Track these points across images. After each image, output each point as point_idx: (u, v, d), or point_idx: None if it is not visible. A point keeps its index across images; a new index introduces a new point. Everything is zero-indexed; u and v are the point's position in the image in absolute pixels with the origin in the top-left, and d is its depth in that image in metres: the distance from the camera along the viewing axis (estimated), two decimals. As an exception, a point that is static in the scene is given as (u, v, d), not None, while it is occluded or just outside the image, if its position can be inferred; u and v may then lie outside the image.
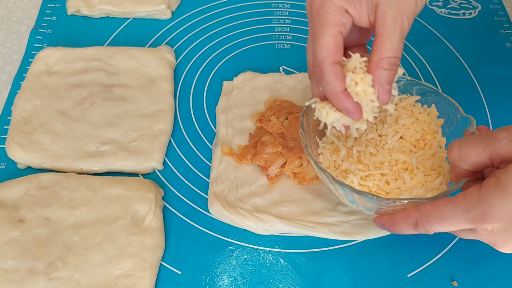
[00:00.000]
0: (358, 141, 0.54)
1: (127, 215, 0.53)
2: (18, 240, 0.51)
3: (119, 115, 0.62)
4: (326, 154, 0.54)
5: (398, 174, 0.51)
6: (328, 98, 0.47)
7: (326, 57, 0.44)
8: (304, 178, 0.57)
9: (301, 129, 0.53)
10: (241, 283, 0.51)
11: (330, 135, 0.55)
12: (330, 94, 0.46)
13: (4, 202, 0.53)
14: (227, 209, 0.55)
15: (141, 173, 0.59)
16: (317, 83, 0.48)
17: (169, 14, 0.75)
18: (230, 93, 0.65)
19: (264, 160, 0.57)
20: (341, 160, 0.53)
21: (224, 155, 0.59)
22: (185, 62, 0.70)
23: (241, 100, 0.64)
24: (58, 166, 0.58)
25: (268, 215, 0.54)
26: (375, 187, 0.50)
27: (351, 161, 0.52)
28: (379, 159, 0.52)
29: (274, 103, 0.63)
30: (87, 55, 0.67)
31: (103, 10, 0.74)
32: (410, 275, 0.52)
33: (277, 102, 0.63)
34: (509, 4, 0.78)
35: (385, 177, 0.50)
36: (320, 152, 0.54)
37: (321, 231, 0.54)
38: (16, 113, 0.61)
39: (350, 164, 0.52)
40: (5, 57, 0.72)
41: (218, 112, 0.64)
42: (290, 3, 0.77)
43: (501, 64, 0.70)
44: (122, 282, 0.49)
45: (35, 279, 0.49)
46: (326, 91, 0.46)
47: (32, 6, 0.78)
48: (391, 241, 0.54)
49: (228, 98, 0.65)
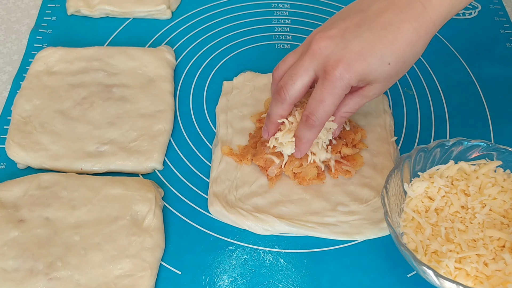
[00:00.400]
0: (441, 217, 0.51)
1: (127, 215, 0.53)
2: (18, 240, 0.51)
3: (119, 115, 0.62)
4: (410, 233, 0.50)
5: (496, 254, 0.48)
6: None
7: (324, 119, 0.51)
8: (304, 178, 0.57)
9: (384, 190, 0.50)
10: (241, 283, 0.51)
11: (408, 211, 0.52)
12: (303, 139, 0.53)
13: (4, 202, 0.53)
14: (227, 209, 0.55)
15: (141, 173, 0.59)
16: (287, 110, 0.54)
17: (169, 14, 0.75)
18: (230, 93, 0.65)
19: (264, 160, 0.57)
20: (428, 239, 0.50)
21: (224, 155, 0.59)
22: (185, 62, 0.70)
23: (241, 100, 0.64)
24: (58, 166, 0.58)
25: (268, 215, 0.54)
26: (473, 271, 0.47)
27: (439, 240, 0.49)
28: (470, 237, 0.49)
29: None
30: (87, 55, 0.67)
31: (103, 10, 0.74)
32: (410, 275, 0.52)
33: None
34: (509, 4, 0.78)
35: (482, 258, 0.47)
36: (403, 232, 0.51)
37: (321, 231, 0.54)
38: (16, 113, 0.61)
39: (439, 244, 0.49)
40: (5, 57, 0.72)
41: (218, 112, 0.64)
42: (290, 3, 0.77)
43: (501, 64, 0.70)
44: (122, 282, 0.49)
45: (35, 279, 0.49)
46: (302, 135, 0.53)
47: (32, 6, 0.78)
48: (391, 241, 0.54)
49: (228, 98, 0.65)
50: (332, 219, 0.55)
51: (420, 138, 0.62)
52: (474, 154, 0.54)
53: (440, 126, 0.63)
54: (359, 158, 0.58)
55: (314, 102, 0.50)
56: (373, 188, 0.57)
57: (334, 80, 0.48)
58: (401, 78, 0.56)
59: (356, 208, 0.55)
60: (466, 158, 0.54)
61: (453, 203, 0.52)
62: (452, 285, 0.44)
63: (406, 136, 0.63)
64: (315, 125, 0.51)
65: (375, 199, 0.56)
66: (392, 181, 0.51)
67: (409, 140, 0.62)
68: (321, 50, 0.49)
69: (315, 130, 0.52)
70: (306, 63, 0.50)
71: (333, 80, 0.48)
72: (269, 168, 0.57)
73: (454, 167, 0.54)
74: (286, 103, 0.52)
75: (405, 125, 0.64)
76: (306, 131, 0.52)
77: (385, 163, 0.59)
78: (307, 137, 0.53)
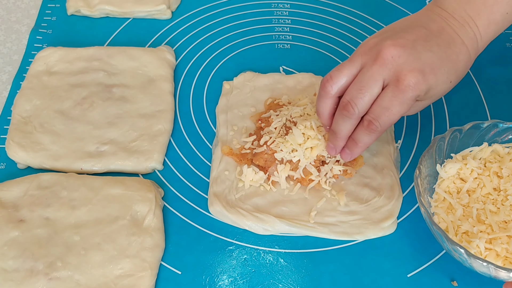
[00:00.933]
0: (472, 198, 0.52)
1: (127, 215, 0.53)
2: (18, 240, 0.51)
3: (119, 115, 0.62)
4: (441, 214, 0.51)
5: None
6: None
7: (386, 126, 0.50)
8: (304, 178, 0.56)
9: (418, 171, 0.51)
10: (241, 283, 0.51)
11: (440, 191, 0.53)
12: (361, 143, 0.52)
13: (4, 202, 0.53)
14: (227, 209, 0.55)
15: (141, 173, 0.59)
16: (354, 125, 0.51)
17: (169, 14, 0.75)
18: (230, 93, 0.65)
19: (264, 160, 0.57)
20: (458, 220, 0.51)
21: (224, 155, 0.59)
22: (185, 62, 0.70)
23: (241, 100, 0.64)
24: (58, 166, 0.58)
25: (268, 215, 0.54)
26: (503, 252, 0.48)
27: (470, 221, 0.50)
28: (502, 218, 0.50)
29: (274, 103, 0.63)
30: (87, 55, 0.67)
31: (103, 10, 0.74)
32: (410, 275, 0.52)
33: (276, 101, 0.63)
34: (509, 4, 0.78)
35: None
36: (434, 212, 0.52)
37: (321, 231, 0.54)
38: (16, 113, 0.61)
39: (470, 225, 0.50)
40: (5, 57, 0.72)
41: (218, 112, 0.64)
42: (290, 3, 0.77)
43: (501, 64, 0.70)
44: (122, 282, 0.49)
45: (35, 279, 0.49)
46: (361, 139, 0.52)
47: (32, 6, 0.78)
48: (391, 241, 0.54)
49: (228, 98, 0.65)
50: (332, 219, 0.55)
51: (420, 138, 0.62)
52: (508, 137, 0.55)
53: (440, 126, 0.63)
54: (359, 158, 0.58)
55: (379, 109, 0.49)
56: (373, 188, 0.57)
57: (406, 90, 0.47)
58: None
59: (356, 208, 0.55)
60: (500, 141, 0.55)
61: (485, 185, 0.52)
62: (482, 263, 0.45)
63: (406, 136, 0.63)
64: (377, 131, 0.50)
65: (375, 199, 0.56)
66: (425, 162, 0.52)
67: (409, 140, 0.62)
68: (394, 58, 0.48)
69: (375, 135, 0.51)
70: (376, 73, 0.48)
71: (405, 89, 0.47)
72: (269, 168, 0.57)
73: (488, 149, 0.54)
74: (355, 118, 0.50)
75: (405, 125, 0.64)
76: (365, 135, 0.51)
77: (385, 163, 0.59)
78: (364, 141, 0.51)
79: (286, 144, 0.55)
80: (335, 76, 0.50)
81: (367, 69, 0.49)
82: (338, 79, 0.50)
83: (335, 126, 0.52)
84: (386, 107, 0.48)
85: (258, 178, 0.56)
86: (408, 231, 0.55)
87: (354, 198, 0.56)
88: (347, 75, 0.50)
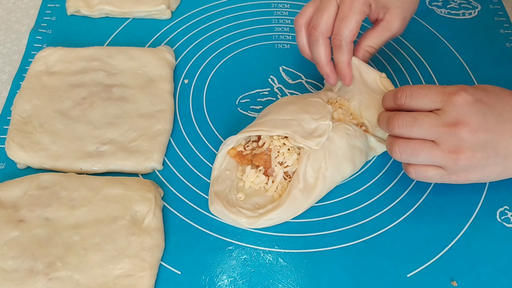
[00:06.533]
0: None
1: (126, 215, 0.53)
2: (18, 240, 0.51)
3: (119, 115, 0.62)
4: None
5: None
6: (333, 63, 0.59)
7: (348, 37, 0.56)
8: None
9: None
10: (241, 283, 0.51)
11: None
12: (339, 63, 0.58)
13: (4, 202, 0.53)
14: (228, 208, 0.55)
15: (140, 173, 0.59)
16: (325, 46, 0.57)
17: (169, 14, 0.75)
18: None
19: (263, 161, 0.57)
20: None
21: (231, 157, 0.59)
22: (185, 62, 0.70)
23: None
24: (58, 166, 0.58)
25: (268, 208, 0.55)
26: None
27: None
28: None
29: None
30: (87, 55, 0.67)
31: (103, 10, 0.74)
32: (410, 275, 0.52)
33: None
34: (509, 4, 0.78)
35: None
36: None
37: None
38: (16, 113, 0.61)
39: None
40: (5, 57, 0.72)
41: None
42: (290, 3, 0.77)
43: (501, 64, 0.70)
44: (122, 282, 0.49)
45: (35, 279, 0.49)
46: (336, 59, 0.58)
47: (32, 6, 0.78)
48: (391, 241, 0.54)
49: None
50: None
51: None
52: None
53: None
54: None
55: (337, 23, 0.55)
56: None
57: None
58: (401, 79, 0.56)
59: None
60: None
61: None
62: None
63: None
64: (341, 44, 0.56)
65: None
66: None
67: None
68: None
69: (343, 50, 0.56)
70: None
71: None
72: (268, 168, 0.57)
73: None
74: (322, 39, 0.57)
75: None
76: (337, 53, 0.57)
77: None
78: (339, 59, 0.57)
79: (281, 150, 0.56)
80: (302, 11, 0.59)
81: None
82: (304, 11, 0.59)
83: (313, 56, 0.59)
84: (341, 17, 0.55)
85: (259, 182, 0.56)
86: (408, 231, 0.55)
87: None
88: (312, 7, 0.59)
